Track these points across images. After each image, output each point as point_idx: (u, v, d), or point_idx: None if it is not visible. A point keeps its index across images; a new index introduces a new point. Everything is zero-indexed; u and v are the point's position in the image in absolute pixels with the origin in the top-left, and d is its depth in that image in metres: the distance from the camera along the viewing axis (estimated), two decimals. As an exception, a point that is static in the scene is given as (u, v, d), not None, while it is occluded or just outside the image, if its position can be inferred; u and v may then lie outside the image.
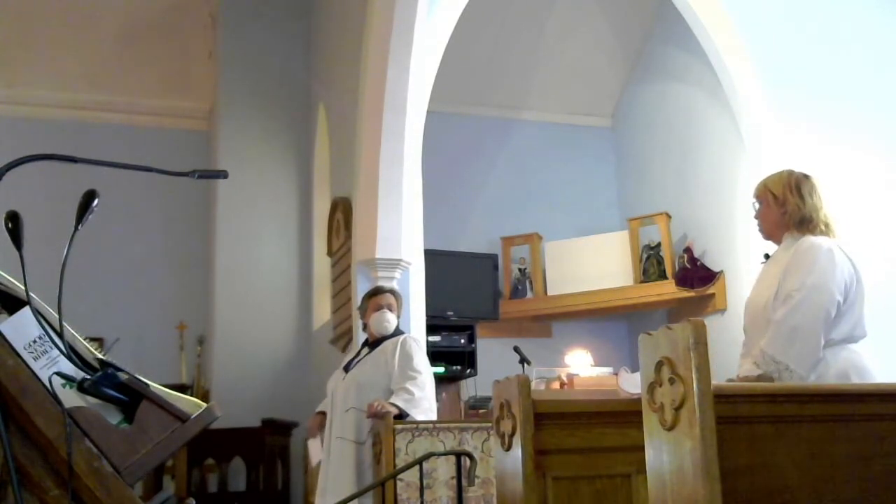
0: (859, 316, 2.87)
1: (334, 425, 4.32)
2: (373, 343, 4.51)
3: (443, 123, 7.26)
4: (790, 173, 3.08)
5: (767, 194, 3.05)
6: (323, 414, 4.49)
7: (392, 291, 4.64)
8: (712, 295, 6.97)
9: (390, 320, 4.48)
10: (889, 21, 5.88)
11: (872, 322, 2.93)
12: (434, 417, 4.37)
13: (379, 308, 4.48)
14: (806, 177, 3.06)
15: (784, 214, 3.00)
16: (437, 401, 6.75)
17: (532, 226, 7.92)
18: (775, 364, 2.75)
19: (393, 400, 4.16)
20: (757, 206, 3.11)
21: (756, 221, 3.14)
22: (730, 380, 2.88)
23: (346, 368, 4.50)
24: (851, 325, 2.84)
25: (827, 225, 2.98)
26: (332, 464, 4.26)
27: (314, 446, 4.48)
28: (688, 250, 7.21)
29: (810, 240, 2.92)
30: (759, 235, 3.17)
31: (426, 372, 4.36)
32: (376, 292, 4.62)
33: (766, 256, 3.16)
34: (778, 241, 3.07)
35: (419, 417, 4.22)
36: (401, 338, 4.45)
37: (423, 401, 4.26)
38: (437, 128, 6.65)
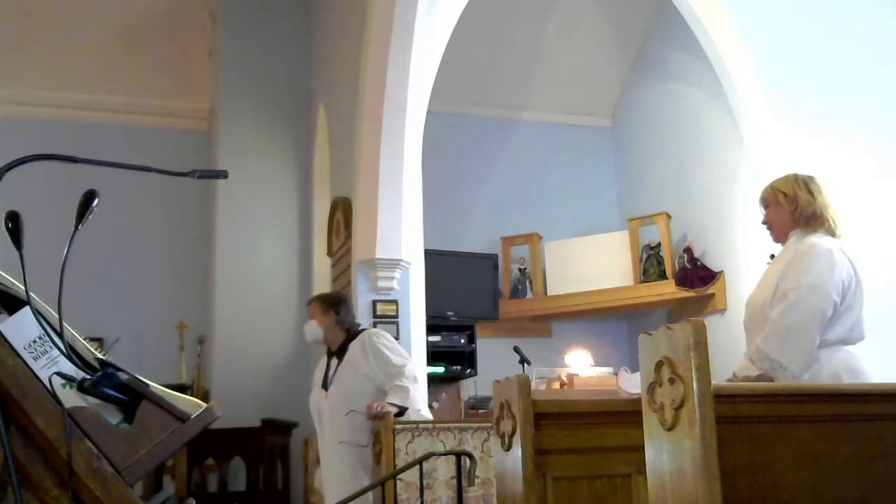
0: (857, 318, 2.87)
1: (331, 432, 4.27)
2: (336, 352, 4.40)
3: (443, 123, 7.26)
4: (796, 174, 3.09)
5: (777, 194, 3.05)
6: None
7: (314, 299, 4.62)
8: (712, 295, 6.97)
9: (308, 329, 4.47)
10: (889, 21, 5.87)
11: (872, 322, 2.92)
12: (425, 401, 4.38)
13: None
14: (811, 177, 3.08)
15: (794, 211, 3.00)
16: (438, 401, 6.79)
17: (532, 226, 7.92)
18: (769, 361, 2.76)
19: (390, 400, 4.15)
20: (765, 210, 3.10)
21: (766, 229, 3.11)
22: (729, 380, 2.89)
23: (325, 385, 4.37)
24: (849, 327, 2.84)
25: (835, 222, 2.99)
26: (338, 468, 4.23)
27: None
28: (688, 250, 7.21)
29: (811, 240, 2.92)
30: (760, 237, 3.18)
31: (406, 360, 4.30)
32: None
33: (772, 257, 3.16)
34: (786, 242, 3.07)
35: (418, 406, 4.23)
36: (363, 336, 4.35)
37: (419, 390, 4.28)
38: (437, 128, 6.65)
